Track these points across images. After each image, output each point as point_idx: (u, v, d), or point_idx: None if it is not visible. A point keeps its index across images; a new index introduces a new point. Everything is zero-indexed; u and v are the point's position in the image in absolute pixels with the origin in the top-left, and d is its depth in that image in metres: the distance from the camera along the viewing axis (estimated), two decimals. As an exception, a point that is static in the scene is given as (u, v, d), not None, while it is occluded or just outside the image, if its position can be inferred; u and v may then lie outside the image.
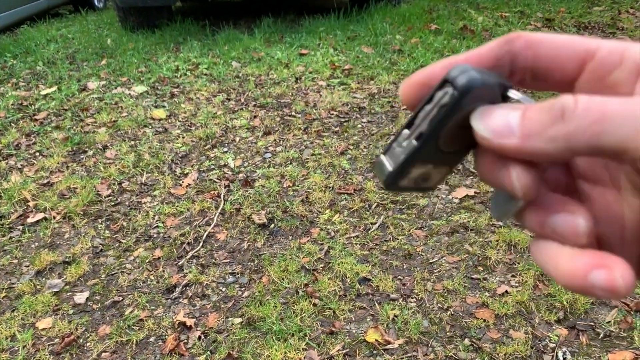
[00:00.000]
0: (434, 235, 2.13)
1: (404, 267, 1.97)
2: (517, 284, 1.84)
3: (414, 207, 2.30)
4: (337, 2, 5.53)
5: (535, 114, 0.22)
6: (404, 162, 0.25)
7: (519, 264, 1.93)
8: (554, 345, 1.60)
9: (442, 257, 2.00)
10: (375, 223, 2.21)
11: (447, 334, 1.68)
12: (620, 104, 0.20)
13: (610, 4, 4.94)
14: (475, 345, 1.62)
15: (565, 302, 1.73)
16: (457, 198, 2.34)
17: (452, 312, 1.75)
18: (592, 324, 1.67)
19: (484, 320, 1.70)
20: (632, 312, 1.68)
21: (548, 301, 1.76)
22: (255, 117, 3.26)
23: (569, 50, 0.25)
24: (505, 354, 1.58)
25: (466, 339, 1.65)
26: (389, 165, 0.26)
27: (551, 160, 0.24)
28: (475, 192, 2.36)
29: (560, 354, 1.57)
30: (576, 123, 0.20)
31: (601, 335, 1.63)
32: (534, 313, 1.72)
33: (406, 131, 0.25)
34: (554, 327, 1.66)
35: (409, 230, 2.16)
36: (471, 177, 2.47)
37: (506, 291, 1.81)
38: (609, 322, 1.66)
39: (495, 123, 0.23)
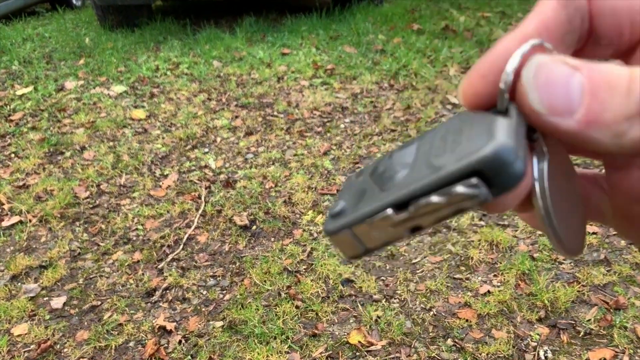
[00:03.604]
0: (416, 235, 2.12)
1: (387, 267, 1.97)
2: (499, 284, 1.85)
3: (397, 207, 2.30)
4: (319, 1, 5.52)
5: (607, 95, 0.17)
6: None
7: (500, 263, 1.94)
8: (536, 344, 1.61)
9: (424, 257, 2.00)
10: (357, 223, 2.20)
11: (430, 334, 1.67)
12: None
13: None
14: (457, 345, 1.62)
15: (546, 301, 1.74)
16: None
17: (435, 313, 1.75)
18: (573, 322, 1.68)
19: (467, 320, 1.71)
20: (611, 310, 1.70)
21: (529, 300, 1.77)
22: (236, 117, 3.23)
23: (630, 11, 0.20)
24: (487, 354, 1.58)
25: (449, 339, 1.65)
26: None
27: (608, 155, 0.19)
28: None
29: (541, 353, 1.58)
30: None
31: (581, 333, 1.64)
32: (516, 312, 1.73)
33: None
34: (535, 326, 1.67)
35: (392, 231, 2.15)
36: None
37: (488, 291, 1.81)
38: (589, 320, 1.68)
39: (554, 93, 0.17)
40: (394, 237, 0.20)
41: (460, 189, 0.17)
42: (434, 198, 0.18)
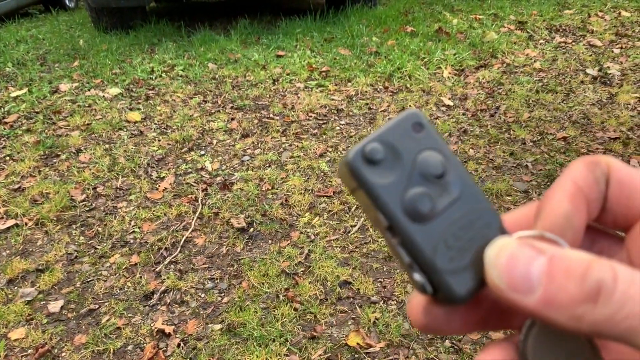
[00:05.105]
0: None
1: (384, 269, 1.98)
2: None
3: (393, 209, 2.31)
4: (313, 4, 5.53)
5: (564, 279, 0.18)
6: None
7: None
8: (532, 344, 1.63)
9: (421, 259, 2.01)
10: (355, 225, 2.22)
11: (428, 336, 1.69)
12: None
13: (580, 7, 5.05)
14: (455, 347, 1.64)
15: (542, 302, 1.76)
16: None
17: (432, 314, 1.76)
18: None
19: (464, 322, 1.72)
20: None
21: (525, 301, 1.78)
22: (232, 119, 3.23)
23: (635, 190, 0.22)
24: (485, 355, 1.60)
25: (447, 341, 1.66)
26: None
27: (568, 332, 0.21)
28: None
29: (538, 354, 1.59)
30: (611, 310, 0.17)
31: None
32: (512, 313, 1.74)
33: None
34: (531, 327, 1.69)
35: (389, 233, 2.16)
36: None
37: (485, 292, 1.83)
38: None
39: (515, 273, 0.19)
40: (370, 220, 0.24)
41: (418, 277, 0.23)
42: (406, 258, 0.23)
